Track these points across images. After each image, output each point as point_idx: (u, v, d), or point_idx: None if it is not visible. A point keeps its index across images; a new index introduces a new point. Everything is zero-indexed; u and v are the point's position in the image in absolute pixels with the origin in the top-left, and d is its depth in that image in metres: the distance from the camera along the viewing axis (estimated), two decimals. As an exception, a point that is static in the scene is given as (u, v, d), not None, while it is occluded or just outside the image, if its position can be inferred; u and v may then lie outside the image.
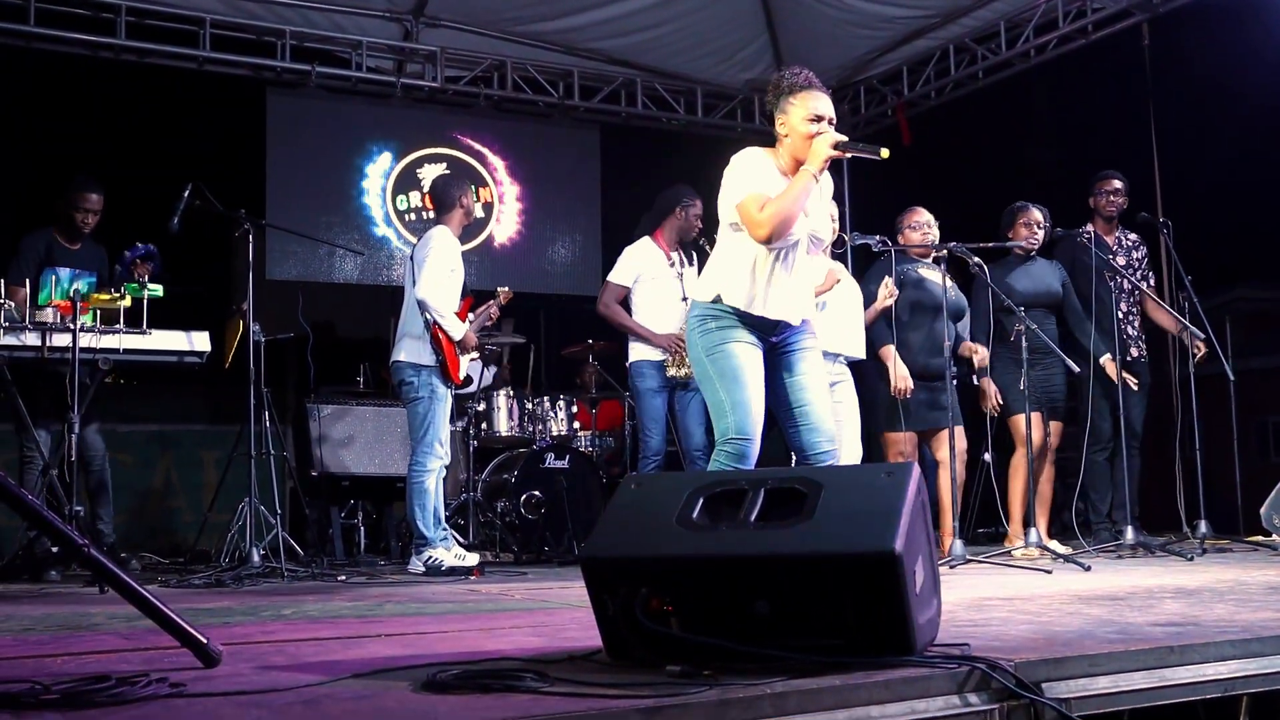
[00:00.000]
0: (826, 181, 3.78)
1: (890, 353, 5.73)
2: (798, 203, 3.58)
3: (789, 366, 3.73)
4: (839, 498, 2.18)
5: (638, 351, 6.07)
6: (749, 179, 3.64)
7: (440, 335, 5.54)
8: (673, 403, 6.09)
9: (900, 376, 5.69)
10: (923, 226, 5.93)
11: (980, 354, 5.91)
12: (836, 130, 3.69)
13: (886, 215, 6.23)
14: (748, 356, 3.64)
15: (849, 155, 3.73)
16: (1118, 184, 6.50)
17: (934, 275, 5.72)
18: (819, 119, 3.64)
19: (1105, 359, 6.07)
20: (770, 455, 3.99)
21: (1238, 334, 7.73)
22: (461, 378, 5.70)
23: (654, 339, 5.99)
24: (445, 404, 5.63)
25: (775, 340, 3.72)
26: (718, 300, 3.66)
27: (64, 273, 5.84)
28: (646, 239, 6.17)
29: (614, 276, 6.18)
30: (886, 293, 5.64)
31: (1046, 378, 6.02)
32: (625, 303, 6.15)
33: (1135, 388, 6.17)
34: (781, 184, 3.66)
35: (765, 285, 3.65)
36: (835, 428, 3.83)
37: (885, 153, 3.60)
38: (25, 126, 7.98)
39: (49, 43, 7.71)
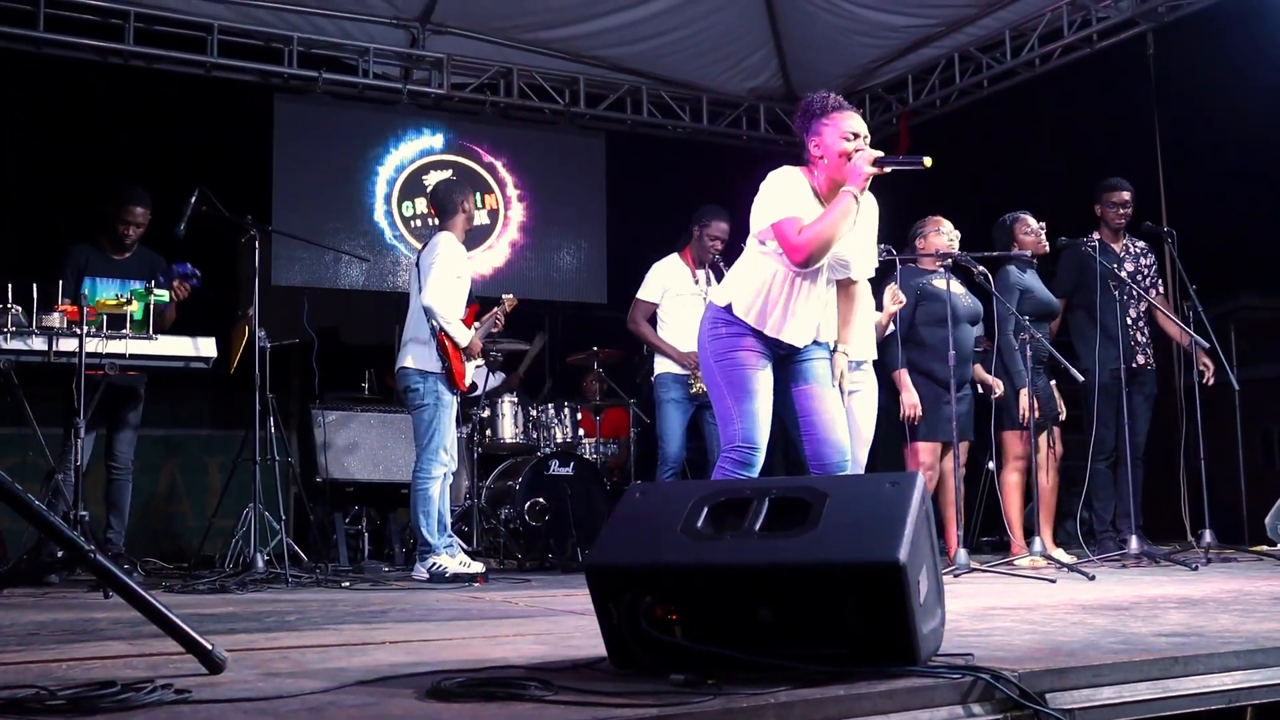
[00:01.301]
0: (871, 205, 3.71)
1: (903, 377, 5.80)
2: (838, 225, 3.52)
3: (798, 377, 3.73)
4: (843, 507, 2.18)
5: (663, 365, 6.19)
6: (785, 201, 3.58)
7: (446, 342, 5.55)
8: (699, 418, 6.15)
9: (909, 404, 5.75)
10: (944, 236, 5.93)
11: (997, 390, 5.88)
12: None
13: (890, 223, 6.20)
14: (757, 367, 3.64)
15: (889, 170, 3.57)
16: (1126, 196, 6.38)
17: (944, 286, 5.66)
18: (855, 136, 3.59)
19: (1024, 394, 5.78)
20: (769, 466, 3.97)
21: (1242, 342, 7.70)
22: (467, 385, 5.70)
23: (679, 358, 6.07)
24: (450, 410, 5.63)
25: (784, 353, 3.72)
26: (731, 308, 3.66)
27: (107, 284, 5.83)
28: (675, 255, 6.28)
29: (642, 294, 6.28)
30: (891, 297, 5.64)
31: (1043, 387, 6.03)
32: (652, 318, 6.25)
33: (1036, 417, 5.99)
34: (815, 206, 3.61)
35: (779, 308, 3.63)
36: (847, 438, 3.80)
37: (928, 161, 3.51)
38: (33, 132, 8.00)
39: (58, 48, 7.74)
